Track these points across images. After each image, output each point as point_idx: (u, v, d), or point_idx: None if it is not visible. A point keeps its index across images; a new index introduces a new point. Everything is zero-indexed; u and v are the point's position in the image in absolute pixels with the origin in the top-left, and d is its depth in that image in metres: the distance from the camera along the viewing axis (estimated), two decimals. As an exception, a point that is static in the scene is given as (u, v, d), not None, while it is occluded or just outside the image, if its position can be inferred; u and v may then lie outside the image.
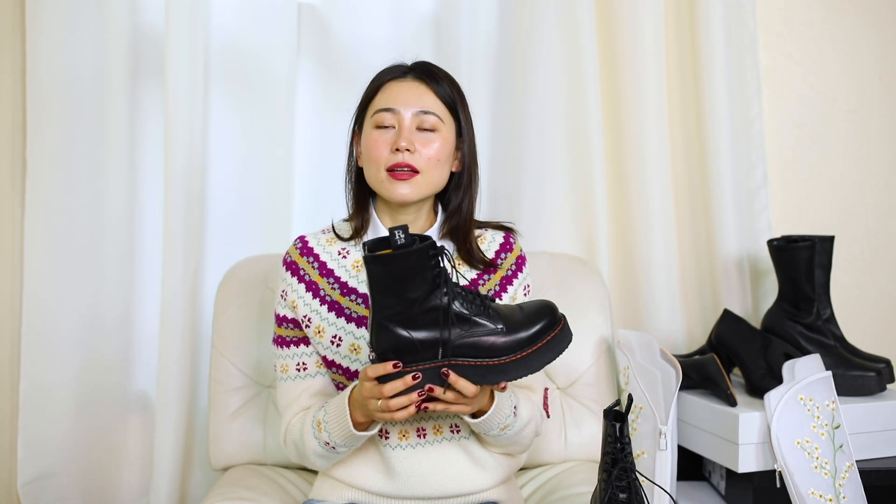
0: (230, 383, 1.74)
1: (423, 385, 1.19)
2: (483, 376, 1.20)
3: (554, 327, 1.22)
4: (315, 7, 2.03)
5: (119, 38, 1.93)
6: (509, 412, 1.33)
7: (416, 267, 1.15)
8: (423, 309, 1.17)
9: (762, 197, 2.08)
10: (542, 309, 1.23)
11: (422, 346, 1.18)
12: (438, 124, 1.37)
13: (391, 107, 1.36)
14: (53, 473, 1.90)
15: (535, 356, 1.21)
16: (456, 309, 1.19)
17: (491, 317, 1.21)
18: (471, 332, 1.19)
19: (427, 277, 1.16)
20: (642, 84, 1.99)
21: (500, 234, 1.49)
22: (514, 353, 1.20)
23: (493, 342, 1.20)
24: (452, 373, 1.19)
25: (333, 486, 1.42)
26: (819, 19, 2.15)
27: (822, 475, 1.54)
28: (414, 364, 1.19)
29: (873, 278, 2.18)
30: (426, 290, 1.17)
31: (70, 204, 1.90)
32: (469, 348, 1.19)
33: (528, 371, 1.21)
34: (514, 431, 1.36)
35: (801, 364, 1.66)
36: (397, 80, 1.39)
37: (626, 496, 1.17)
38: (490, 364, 1.20)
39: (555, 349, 1.22)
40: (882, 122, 2.17)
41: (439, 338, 1.18)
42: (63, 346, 1.90)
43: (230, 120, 2.00)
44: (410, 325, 1.17)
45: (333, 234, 1.45)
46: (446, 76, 1.41)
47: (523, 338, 1.20)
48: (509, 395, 1.34)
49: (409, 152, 1.34)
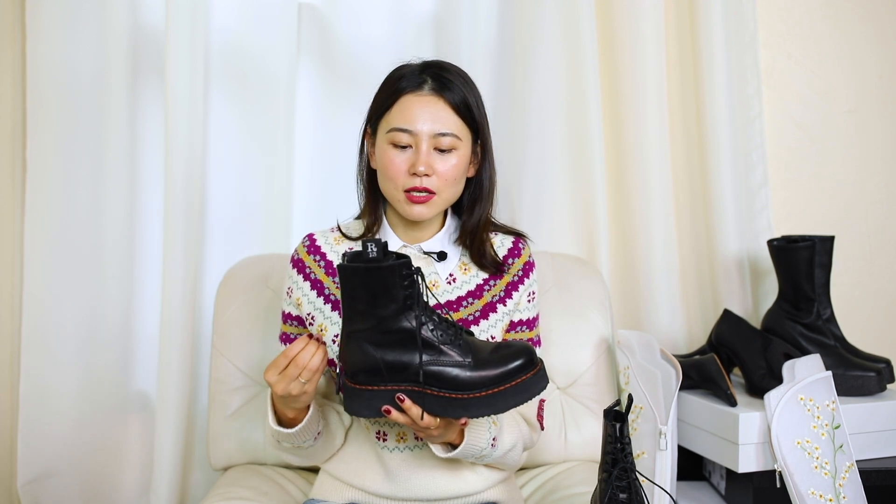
0: (230, 383, 1.74)
1: (377, 405, 1.17)
2: (444, 408, 1.17)
3: (527, 370, 1.18)
4: (315, 7, 2.03)
5: (119, 38, 1.92)
6: (485, 445, 1.31)
7: (387, 284, 1.12)
8: (391, 328, 1.15)
9: (762, 197, 2.08)
10: (519, 351, 1.19)
11: (386, 366, 1.15)
12: (455, 143, 1.35)
13: (408, 128, 1.33)
14: (53, 473, 1.90)
15: (501, 396, 1.17)
16: (424, 334, 1.16)
17: (461, 348, 1.17)
18: (437, 360, 1.16)
19: (397, 297, 1.13)
20: (642, 84, 1.99)
21: (509, 238, 1.48)
22: (480, 390, 1.16)
23: (457, 375, 1.16)
24: (408, 399, 1.17)
25: (334, 486, 1.43)
26: (819, 19, 2.15)
27: (822, 475, 1.54)
28: (374, 385, 1.16)
29: (873, 278, 2.18)
30: (396, 310, 1.14)
31: (70, 204, 1.90)
32: (432, 377, 1.16)
33: (492, 411, 1.17)
34: (492, 459, 1.35)
35: (801, 364, 1.66)
36: (414, 92, 1.35)
37: (626, 496, 1.17)
38: (452, 397, 1.17)
39: (524, 392, 1.18)
40: (882, 122, 2.17)
41: (403, 361, 1.15)
42: (63, 347, 1.90)
43: (230, 120, 1.99)
44: (378, 344, 1.15)
45: (341, 233, 1.45)
46: (461, 80, 1.37)
47: (491, 376, 1.17)
48: (488, 427, 1.31)
49: (427, 176, 1.33)
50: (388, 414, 1.18)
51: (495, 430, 1.32)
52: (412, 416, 1.18)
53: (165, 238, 1.86)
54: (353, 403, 1.19)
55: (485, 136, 1.42)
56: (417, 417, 1.18)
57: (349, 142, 1.77)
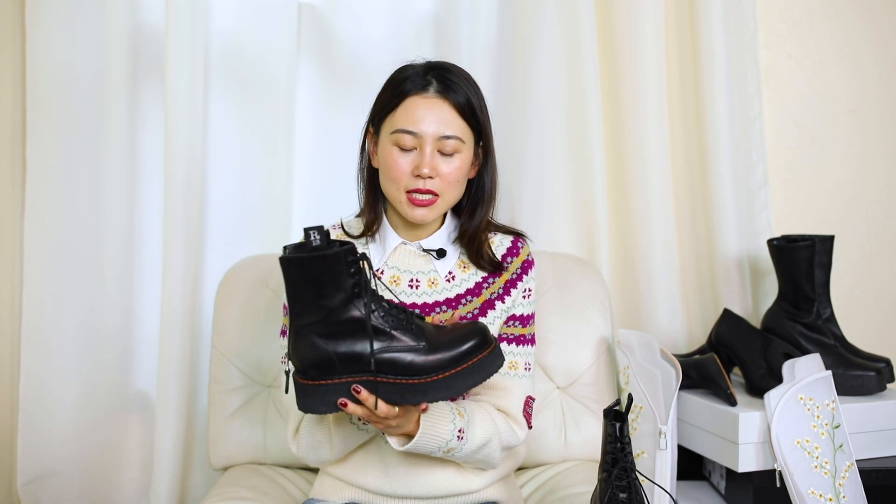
0: (230, 383, 1.74)
1: (332, 399, 1.15)
2: (402, 395, 1.16)
3: (482, 349, 1.17)
4: (315, 7, 2.03)
5: (119, 38, 1.93)
6: (450, 437, 1.28)
7: (333, 273, 1.10)
8: (340, 319, 1.12)
9: (762, 197, 2.08)
10: (472, 331, 1.18)
11: (338, 358, 1.13)
12: (459, 146, 1.35)
13: (413, 130, 1.34)
14: (53, 473, 1.90)
15: (458, 377, 1.16)
16: (374, 322, 1.13)
17: (413, 333, 1.16)
18: (389, 346, 1.14)
19: (344, 285, 1.11)
20: (642, 84, 1.99)
21: (508, 238, 1.48)
22: (436, 373, 1.15)
23: (413, 360, 1.14)
24: (364, 390, 1.15)
25: (334, 485, 1.43)
26: (819, 19, 2.15)
27: (822, 475, 1.54)
28: (327, 379, 1.14)
29: (873, 278, 2.18)
30: (343, 299, 1.12)
31: (70, 204, 1.90)
32: (387, 365, 1.14)
33: (450, 393, 1.16)
34: (463, 454, 1.32)
35: (801, 364, 1.66)
36: (419, 94, 1.35)
37: (626, 496, 1.17)
38: (409, 383, 1.15)
39: (481, 372, 1.17)
40: (882, 122, 2.17)
41: (356, 351, 1.13)
42: (63, 346, 1.90)
43: (230, 120, 2.00)
44: (328, 336, 1.12)
45: (342, 230, 1.45)
46: (465, 82, 1.37)
47: (446, 358, 1.15)
48: (452, 418, 1.29)
49: (431, 178, 1.34)
50: (344, 407, 1.16)
51: (461, 421, 1.30)
52: (369, 406, 1.16)
53: (165, 238, 1.86)
54: (307, 401, 1.16)
55: (487, 138, 1.42)
56: (373, 407, 1.16)
57: (349, 141, 1.77)
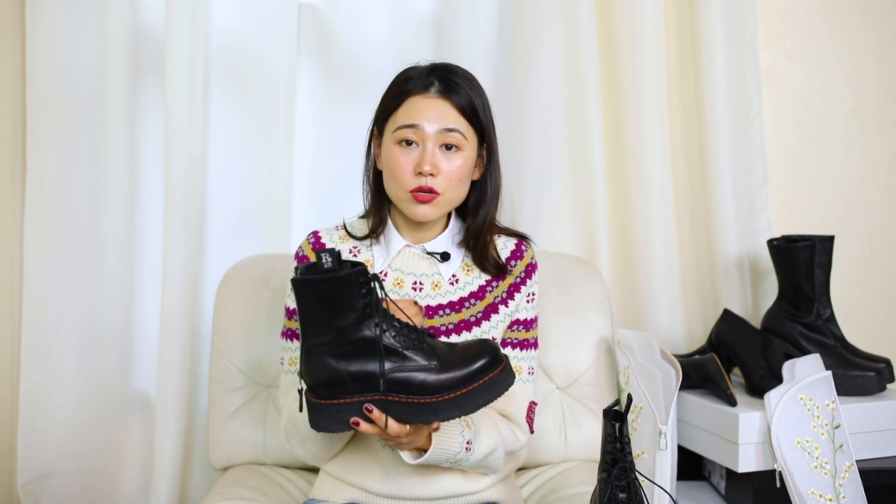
0: (230, 383, 1.74)
1: (345, 418, 1.15)
2: (414, 415, 1.16)
3: (493, 367, 1.18)
4: (315, 7, 2.03)
5: (119, 38, 1.93)
6: (458, 449, 1.29)
7: (345, 294, 1.11)
8: (352, 339, 1.13)
9: (762, 197, 2.08)
10: (483, 349, 1.18)
11: (350, 378, 1.14)
12: (461, 141, 1.36)
13: (413, 123, 1.34)
14: (53, 473, 1.90)
15: (469, 396, 1.16)
16: (386, 341, 1.14)
17: (425, 352, 1.16)
18: (401, 366, 1.15)
19: (356, 305, 1.12)
20: (642, 84, 1.99)
21: (512, 241, 1.48)
22: (448, 392, 1.15)
23: (425, 379, 1.15)
24: (376, 409, 1.15)
25: (334, 486, 1.43)
26: (819, 19, 2.15)
27: (822, 475, 1.54)
28: (339, 398, 1.15)
29: (873, 278, 2.18)
30: (355, 319, 1.13)
31: (70, 204, 1.90)
32: (399, 384, 1.15)
33: (462, 412, 1.17)
34: (469, 463, 1.33)
35: (801, 364, 1.66)
36: (421, 94, 1.36)
37: (626, 496, 1.18)
38: (421, 402, 1.15)
39: (492, 390, 1.18)
40: (882, 122, 2.17)
41: (368, 371, 1.14)
42: (63, 347, 1.90)
43: (230, 120, 2.00)
44: (340, 356, 1.13)
45: (346, 231, 1.46)
46: (468, 83, 1.38)
47: (457, 377, 1.16)
48: (461, 430, 1.29)
49: (433, 176, 1.34)
50: (356, 426, 1.17)
51: (469, 433, 1.31)
52: (380, 425, 1.17)
53: (165, 238, 1.86)
54: (319, 419, 1.17)
55: (491, 140, 1.42)
56: (384, 426, 1.17)
57: (349, 142, 1.78)
